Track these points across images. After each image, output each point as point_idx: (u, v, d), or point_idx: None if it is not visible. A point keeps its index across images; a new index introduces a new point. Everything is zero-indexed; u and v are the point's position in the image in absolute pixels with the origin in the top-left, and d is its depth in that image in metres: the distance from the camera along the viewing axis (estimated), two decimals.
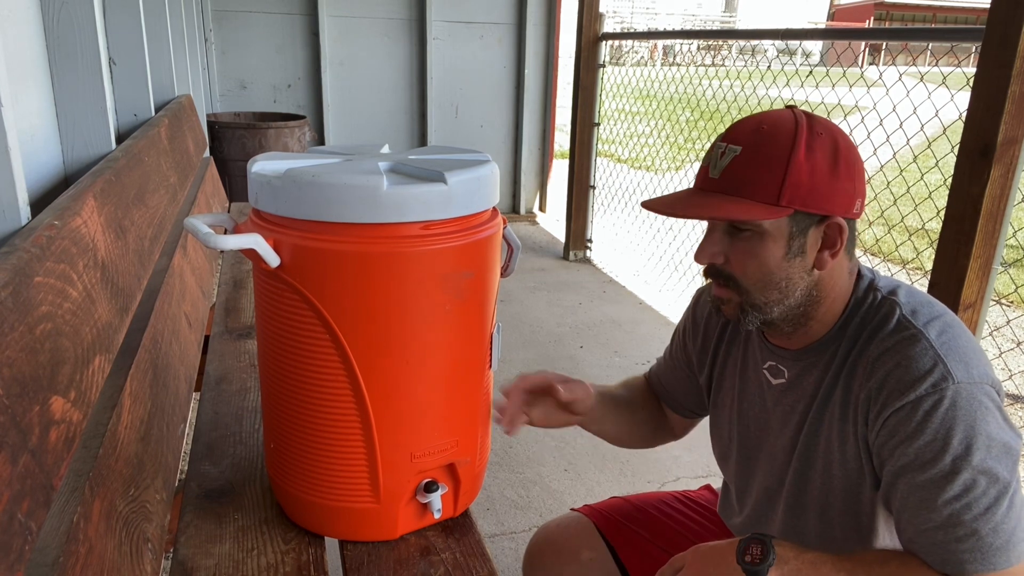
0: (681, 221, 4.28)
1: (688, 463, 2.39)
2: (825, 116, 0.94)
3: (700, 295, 1.18)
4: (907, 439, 0.84)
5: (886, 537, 0.95)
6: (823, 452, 0.96)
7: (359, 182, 0.82)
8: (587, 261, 4.55)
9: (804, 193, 0.86)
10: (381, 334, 0.86)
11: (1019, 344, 3.02)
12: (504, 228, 0.98)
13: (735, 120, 0.95)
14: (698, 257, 0.94)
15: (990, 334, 3.20)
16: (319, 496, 0.93)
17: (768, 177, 0.86)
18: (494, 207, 0.95)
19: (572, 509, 1.27)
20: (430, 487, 0.94)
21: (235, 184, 3.78)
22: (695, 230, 3.98)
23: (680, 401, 1.22)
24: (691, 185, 0.96)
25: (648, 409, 1.26)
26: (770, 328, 0.98)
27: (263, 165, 0.88)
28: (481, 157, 0.96)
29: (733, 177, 0.88)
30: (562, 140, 5.83)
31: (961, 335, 0.88)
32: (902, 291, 0.94)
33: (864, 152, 2.50)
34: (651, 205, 0.95)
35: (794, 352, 0.99)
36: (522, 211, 5.46)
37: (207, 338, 1.62)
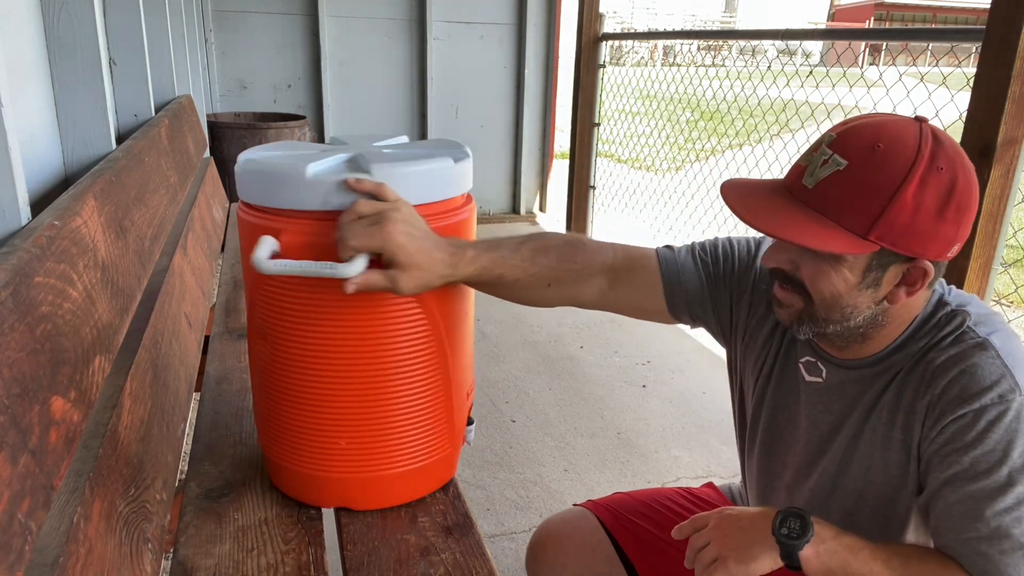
0: (684, 218, 4.30)
1: (688, 463, 2.39)
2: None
3: None
4: (964, 448, 0.82)
5: (913, 542, 0.94)
6: (862, 457, 0.94)
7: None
8: None
9: (898, 233, 0.80)
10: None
11: None
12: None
13: (850, 118, 0.87)
14: (767, 260, 0.89)
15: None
16: (414, 461, 0.99)
17: (865, 207, 0.80)
18: (468, 193, 1.03)
19: (575, 504, 1.27)
20: (468, 420, 1.07)
21: (236, 184, 3.77)
22: (695, 230, 3.98)
23: (687, 300, 1.07)
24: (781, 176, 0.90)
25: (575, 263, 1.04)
26: (821, 339, 0.96)
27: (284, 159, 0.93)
28: (455, 146, 1.03)
29: (826, 194, 0.81)
30: (562, 140, 5.83)
31: (1020, 347, 0.86)
32: (974, 303, 0.91)
33: None
34: (731, 196, 0.88)
35: (840, 359, 0.96)
36: (522, 211, 5.46)
37: (207, 338, 1.62)
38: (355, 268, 0.82)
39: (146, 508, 0.92)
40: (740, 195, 0.88)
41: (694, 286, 1.07)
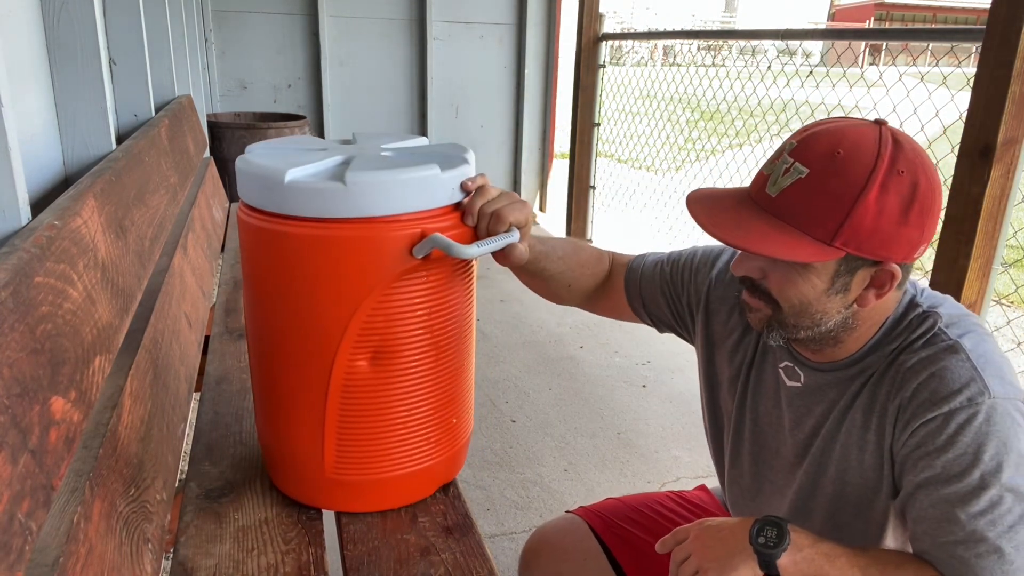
0: (684, 218, 4.30)
1: (688, 463, 2.39)
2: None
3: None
4: (935, 451, 0.82)
5: (892, 544, 0.95)
6: (838, 459, 0.94)
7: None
8: None
9: (863, 237, 0.81)
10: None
11: (1019, 344, 3.02)
12: None
13: (810, 123, 0.88)
14: (736, 268, 0.91)
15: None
16: (448, 448, 0.99)
17: (828, 214, 0.80)
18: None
19: (566, 511, 1.28)
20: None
21: (235, 184, 3.78)
22: (695, 230, 3.97)
23: (644, 303, 1.17)
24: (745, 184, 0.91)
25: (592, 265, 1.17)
26: (796, 343, 0.97)
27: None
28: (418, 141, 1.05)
29: (790, 203, 0.82)
30: (562, 140, 5.83)
31: (994, 349, 0.86)
32: (946, 304, 0.91)
33: None
34: (696, 208, 0.90)
35: (816, 363, 0.97)
36: None
37: (207, 338, 1.62)
38: (518, 234, 0.93)
39: (146, 508, 0.92)
40: (705, 207, 0.90)
41: (650, 292, 1.16)
